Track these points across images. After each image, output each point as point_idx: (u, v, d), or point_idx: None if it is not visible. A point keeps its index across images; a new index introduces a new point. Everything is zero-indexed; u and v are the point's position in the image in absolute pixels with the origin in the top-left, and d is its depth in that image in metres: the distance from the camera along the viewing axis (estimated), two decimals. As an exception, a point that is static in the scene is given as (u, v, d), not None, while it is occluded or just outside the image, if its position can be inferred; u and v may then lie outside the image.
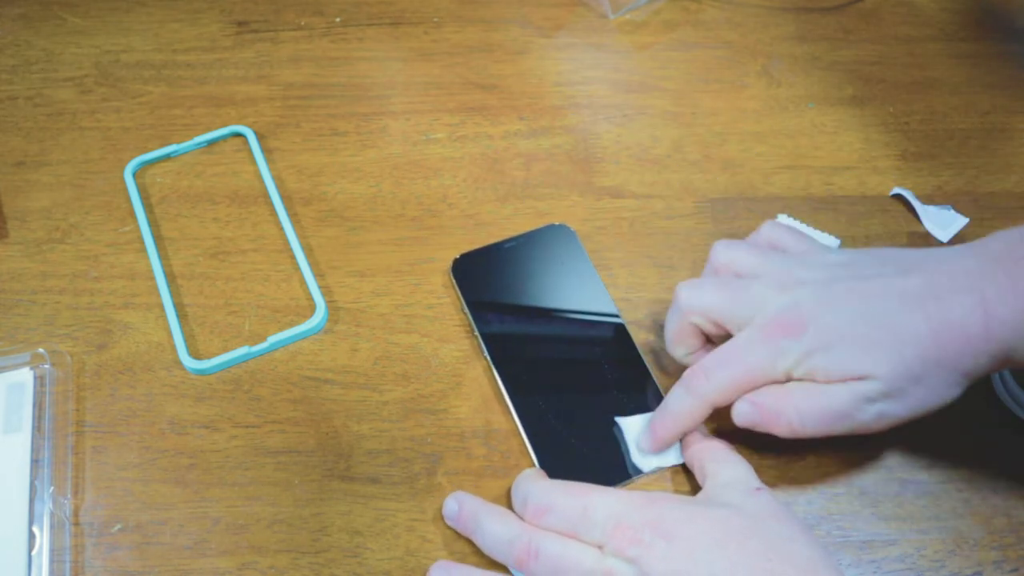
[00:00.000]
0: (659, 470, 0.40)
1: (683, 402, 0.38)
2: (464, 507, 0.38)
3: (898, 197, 0.50)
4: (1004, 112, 0.54)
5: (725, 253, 0.40)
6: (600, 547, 0.34)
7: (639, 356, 0.44)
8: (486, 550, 0.37)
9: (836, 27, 0.59)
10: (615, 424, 0.41)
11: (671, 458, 0.40)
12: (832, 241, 0.47)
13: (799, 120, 0.54)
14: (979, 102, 0.55)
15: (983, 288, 0.33)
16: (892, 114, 0.54)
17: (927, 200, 0.49)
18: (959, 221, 0.48)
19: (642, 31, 0.59)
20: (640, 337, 0.44)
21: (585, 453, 0.40)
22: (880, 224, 0.49)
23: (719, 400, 0.37)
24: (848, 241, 0.48)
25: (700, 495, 0.37)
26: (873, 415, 0.35)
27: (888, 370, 0.34)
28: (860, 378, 0.34)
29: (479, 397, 0.43)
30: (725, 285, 0.38)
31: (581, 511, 0.35)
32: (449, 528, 0.39)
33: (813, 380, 0.35)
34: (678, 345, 0.40)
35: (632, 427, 0.41)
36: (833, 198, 0.50)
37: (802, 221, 0.49)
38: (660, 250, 0.48)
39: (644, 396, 0.42)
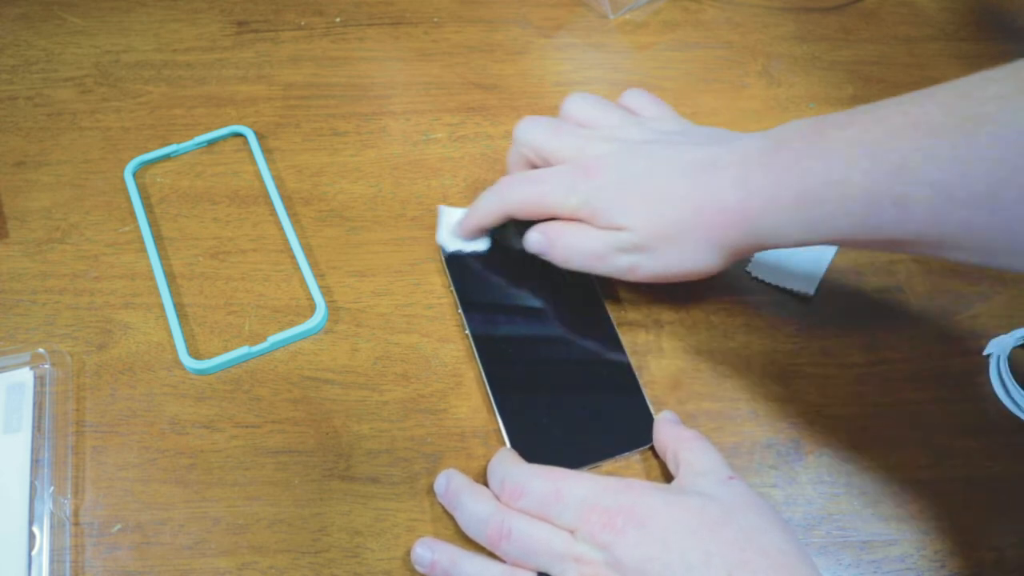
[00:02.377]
0: (461, 253, 0.46)
1: (488, 200, 0.43)
2: (451, 484, 0.38)
3: (898, 197, 0.50)
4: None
5: (575, 102, 0.44)
6: (572, 531, 0.34)
7: (617, 338, 0.44)
8: (463, 528, 0.37)
9: (836, 27, 0.59)
10: (438, 209, 0.47)
11: (478, 246, 0.46)
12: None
13: (799, 120, 0.54)
14: (979, 102, 0.55)
15: (751, 167, 0.37)
16: (892, 114, 0.54)
17: (927, 200, 0.49)
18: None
19: (642, 31, 0.59)
20: (634, 336, 0.44)
21: (556, 433, 0.41)
22: (880, 224, 0.49)
23: (514, 208, 0.42)
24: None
25: (674, 483, 0.37)
26: (626, 264, 0.40)
27: (641, 225, 0.39)
28: (618, 228, 0.39)
29: (479, 397, 0.43)
30: (558, 127, 0.43)
31: (554, 494, 0.35)
32: (449, 529, 0.39)
33: (590, 223, 0.40)
34: (512, 170, 0.45)
35: (447, 213, 0.47)
36: (833, 198, 0.50)
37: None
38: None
39: (619, 379, 0.42)
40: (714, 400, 0.43)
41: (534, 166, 0.44)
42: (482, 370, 0.43)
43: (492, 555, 0.36)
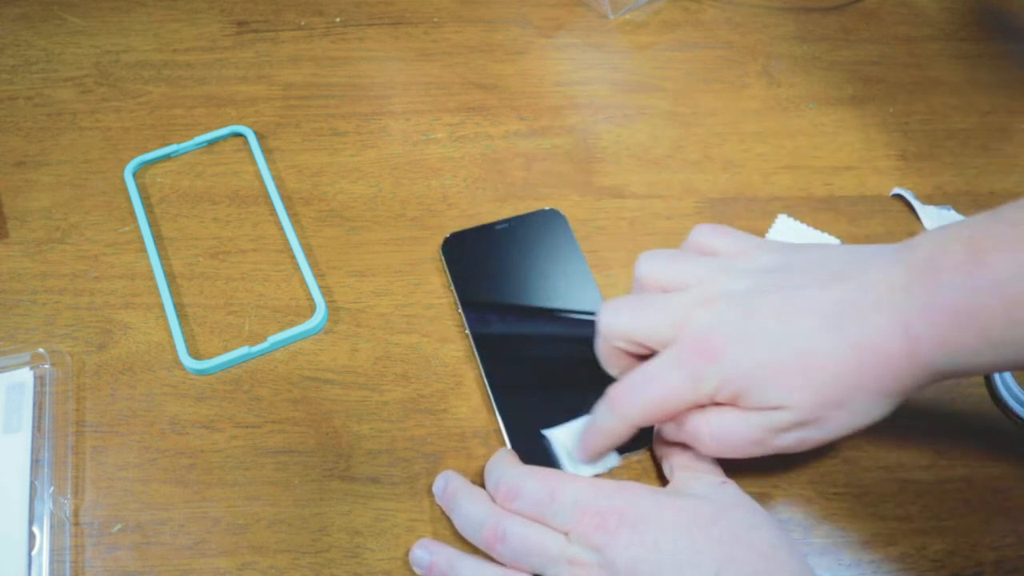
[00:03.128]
0: (596, 475, 0.39)
1: (607, 421, 0.37)
2: (448, 486, 0.38)
3: (898, 197, 0.50)
4: (1004, 112, 0.54)
5: (647, 266, 0.37)
6: (566, 533, 0.34)
7: None
8: (459, 529, 0.37)
9: (836, 27, 0.59)
10: (543, 437, 0.40)
11: (609, 462, 0.39)
12: (832, 241, 0.47)
13: (799, 120, 0.54)
14: (979, 102, 0.55)
15: (903, 305, 0.31)
16: (892, 114, 0.54)
17: (927, 200, 0.49)
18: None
19: (642, 31, 0.59)
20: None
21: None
22: (880, 224, 0.49)
23: (641, 421, 0.36)
24: (848, 241, 0.48)
25: (668, 487, 0.37)
26: (792, 441, 0.34)
27: (804, 400, 0.32)
28: (773, 408, 0.33)
29: (479, 397, 0.43)
30: (644, 305, 0.36)
31: (548, 496, 0.35)
32: (449, 529, 0.39)
33: (735, 405, 0.34)
34: (610, 367, 0.39)
35: (559, 439, 0.40)
36: (833, 198, 0.50)
37: (802, 221, 0.49)
38: (660, 250, 0.48)
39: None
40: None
41: (632, 355, 0.37)
42: (482, 370, 0.43)
43: (489, 557, 0.36)
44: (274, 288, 0.46)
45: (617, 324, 0.37)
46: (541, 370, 0.43)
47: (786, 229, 0.48)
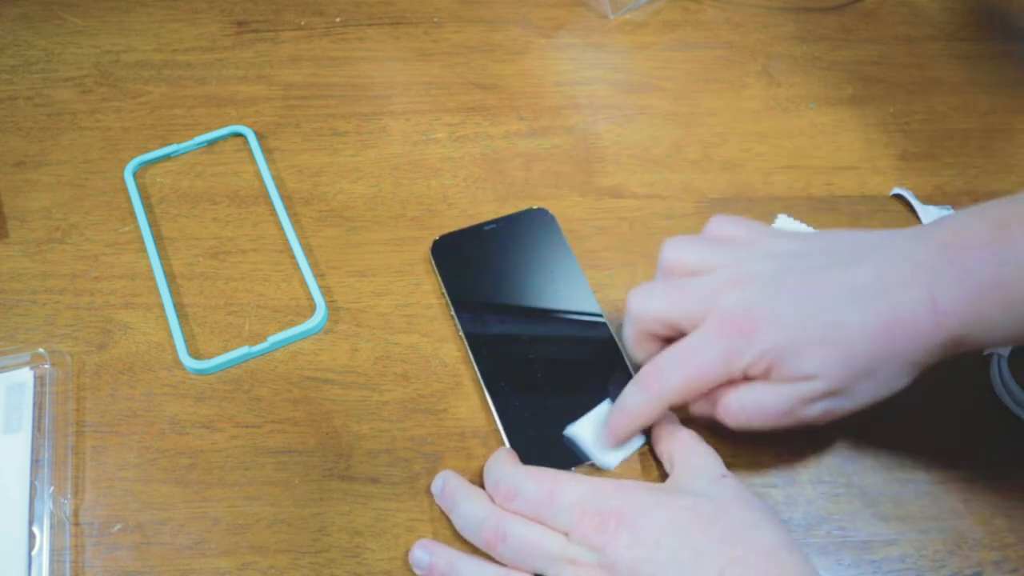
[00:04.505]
0: (626, 460, 0.40)
1: (638, 401, 0.38)
2: (446, 486, 0.38)
3: (898, 197, 0.50)
4: (1004, 112, 0.54)
5: (674, 252, 0.39)
6: (566, 533, 0.34)
7: (612, 337, 0.44)
8: (459, 530, 0.37)
9: (836, 27, 0.59)
10: (565, 438, 0.40)
11: (635, 444, 0.40)
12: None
13: (799, 120, 0.54)
14: (979, 102, 0.55)
15: (931, 280, 0.33)
16: (892, 114, 0.54)
17: (927, 200, 0.49)
18: (959, 221, 0.48)
19: (642, 31, 0.59)
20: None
21: (555, 432, 0.41)
22: (880, 224, 0.49)
23: (674, 400, 0.37)
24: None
25: (667, 483, 0.37)
26: (819, 411, 0.35)
27: (835, 370, 0.34)
28: (804, 379, 0.34)
29: (479, 397, 0.43)
30: (674, 287, 0.38)
31: (547, 497, 0.35)
32: (449, 529, 0.39)
33: (766, 379, 0.35)
34: (638, 352, 0.40)
35: (583, 431, 0.40)
36: (833, 198, 0.50)
37: (802, 221, 0.49)
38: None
39: (614, 377, 0.42)
40: (714, 400, 0.43)
41: (662, 339, 0.38)
42: (477, 371, 0.43)
43: (489, 557, 0.36)
44: (274, 288, 0.46)
45: (650, 307, 0.38)
46: (537, 369, 0.43)
47: (786, 229, 0.48)
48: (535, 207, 0.49)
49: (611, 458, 0.40)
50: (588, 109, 0.54)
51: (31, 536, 0.38)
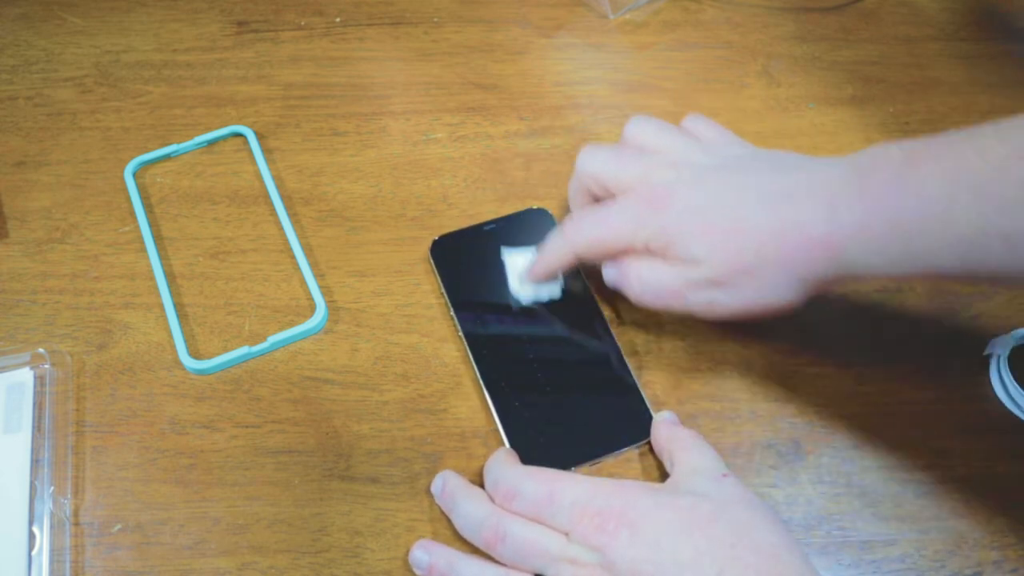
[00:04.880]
0: (536, 302, 0.44)
1: (556, 245, 0.42)
2: (446, 486, 0.38)
3: (898, 197, 0.50)
4: (1004, 112, 0.54)
5: (636, 126, 0.42)
6: (566, 534, 0.34)
7: (612, 337, 0.44)
8: (459, 530, 0.37)
9: (836, 27, 0.59)
10: (500, 258, 0.45)
11: (551, 292, 0.44)
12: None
13: (799, 120, 0.54)
14: (979, 102, 0.55)
15: (834, 195, 0.34)
16: (892, 114, 0.54)
17: (927, 200, 0.49)
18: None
19: (642, 31, 0.59)
20: (634, 336, 0.44)
21: (554, 431, 0.41)
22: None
23: (583, 251, 0.41)
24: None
25: (668, 483, 0.37)
26: (703, 300, 0.37)
27: (718, 258, 0.36)
28: (693, 262, 0.37)
29: (479, 397, 0.43)
30: (618, 155, 0.41)
31: (547, 497, 0.35)
32: (449, 529, 0.39)
33: (663, 256, 0.38)
34: (574, 204, 0.43)
35: (513, 261, 0.45)
36: (833, 198, 0.50)
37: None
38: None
39: (613, 373, 0.42)
40: (714, 400, 0.43)
41: (597, 198, 0.42)
42: (477, 371, 0.43)
43: (489, 557, 0.36)
44: (274, 288, 0.46)
45: (590, 166, 0.41)
46: (537, 369, 0.43)
47: None
48: (535, 207, 0.49)
49: (525, 293, 0.44)
50: (588, 109, 0.54)
51: (31, 536, 0.38)
